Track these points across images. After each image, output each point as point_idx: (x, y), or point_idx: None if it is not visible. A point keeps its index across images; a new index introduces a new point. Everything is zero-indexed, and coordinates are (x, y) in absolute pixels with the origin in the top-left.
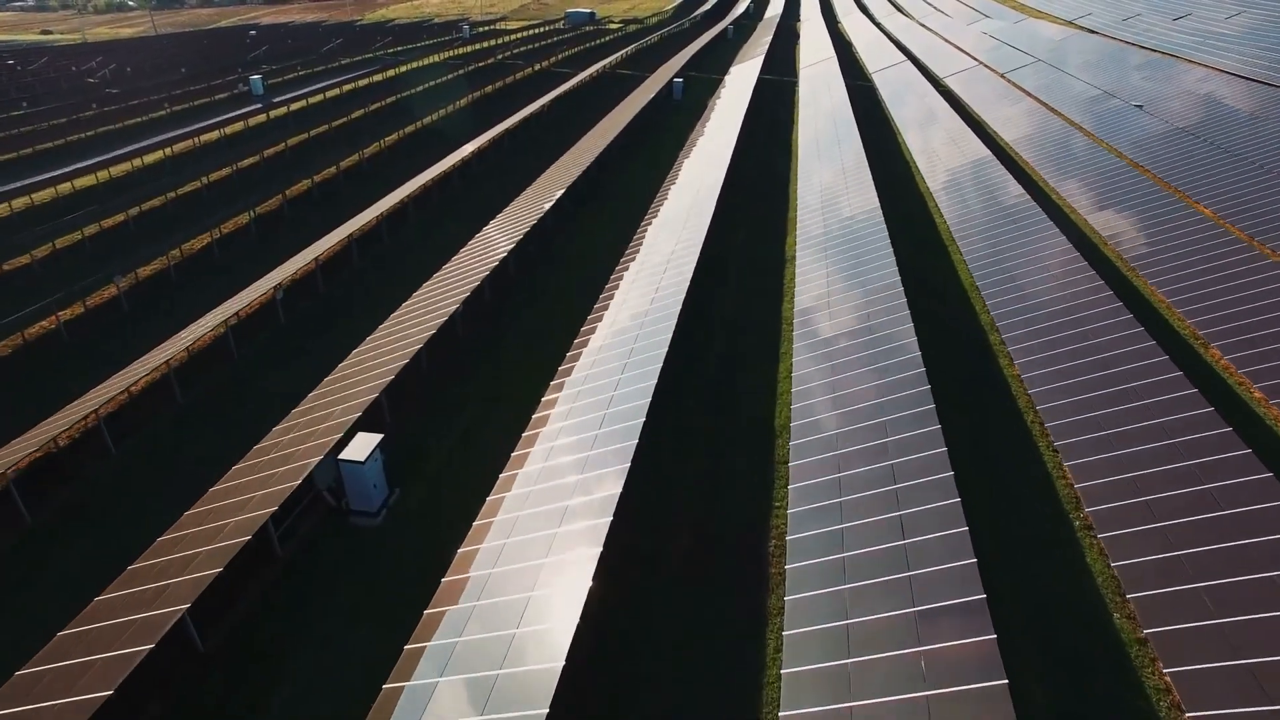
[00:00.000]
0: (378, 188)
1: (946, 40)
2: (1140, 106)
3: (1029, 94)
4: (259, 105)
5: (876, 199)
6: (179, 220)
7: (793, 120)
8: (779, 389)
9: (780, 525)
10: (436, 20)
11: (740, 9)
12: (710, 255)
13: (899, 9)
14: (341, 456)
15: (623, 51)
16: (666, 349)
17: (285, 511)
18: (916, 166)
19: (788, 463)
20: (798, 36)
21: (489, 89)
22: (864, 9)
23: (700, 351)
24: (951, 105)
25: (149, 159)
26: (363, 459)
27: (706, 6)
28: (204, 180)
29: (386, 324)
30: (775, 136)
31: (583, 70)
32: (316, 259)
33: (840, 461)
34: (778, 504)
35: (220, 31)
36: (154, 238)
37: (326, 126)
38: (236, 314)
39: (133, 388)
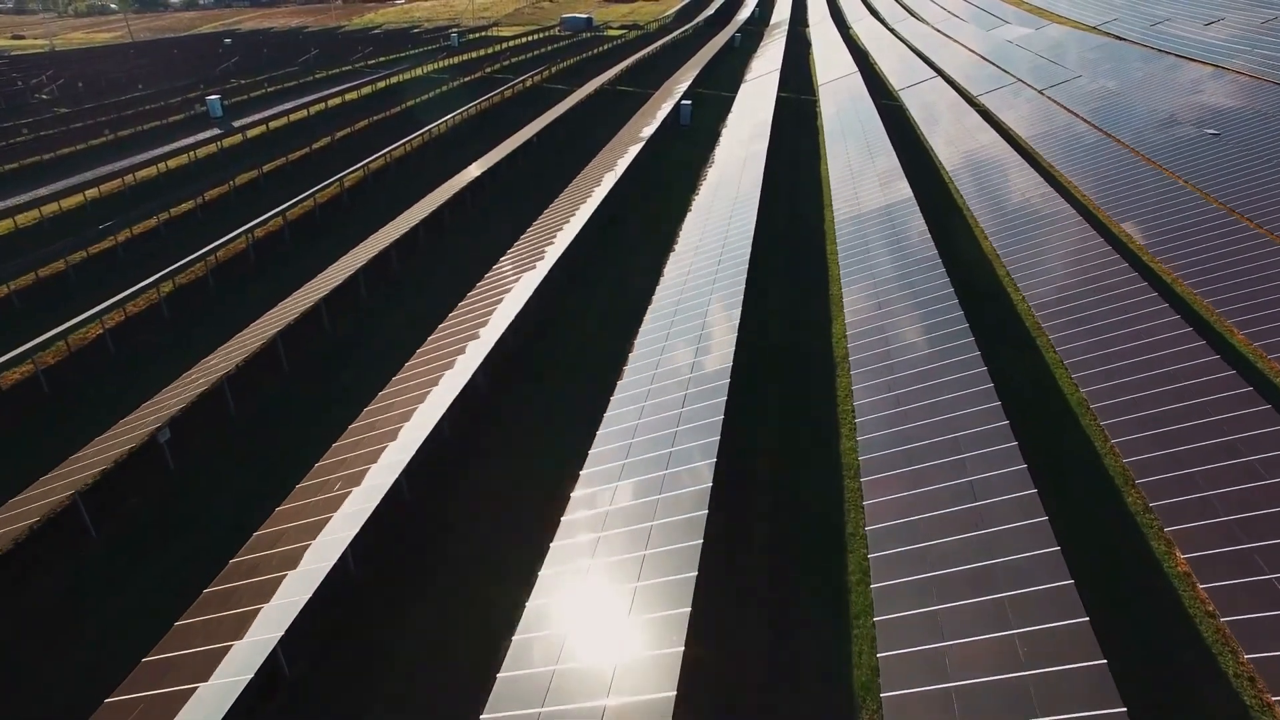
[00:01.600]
0: (329, 248)
1: (970, 49)
2: (1217, 135)
3: (1089, 120)
4: (215, 130)
5: (948, 280)
6: (79, 291)
7: (819, 152)
8: (849, 580)
9: None
10: (426, 25)
11: (745, 14)
12: (739, 364)
13: (910, 12)
14: None
15: (622, 64)
16: (700, 541)
17: None
18: (971, 213)
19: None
20: (809, 43)
21: (473, 111)
22: (873, 12)
23: (740, 530)
24: (996, 130)
25: (67, 203)
26: None
27: (709, 11)
28: (122, 236)
29: (307, 481)
30: (800, 178)
31: (579, 87)
32: (236, 365)
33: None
34: None
35: (194, 39)
36: (41, 320)
37: (284, 160)
38: (114, 460)
39: None
